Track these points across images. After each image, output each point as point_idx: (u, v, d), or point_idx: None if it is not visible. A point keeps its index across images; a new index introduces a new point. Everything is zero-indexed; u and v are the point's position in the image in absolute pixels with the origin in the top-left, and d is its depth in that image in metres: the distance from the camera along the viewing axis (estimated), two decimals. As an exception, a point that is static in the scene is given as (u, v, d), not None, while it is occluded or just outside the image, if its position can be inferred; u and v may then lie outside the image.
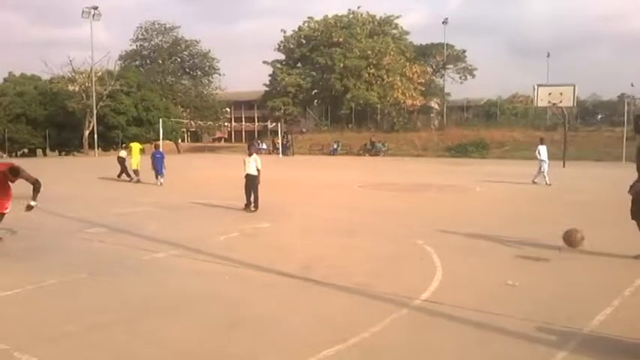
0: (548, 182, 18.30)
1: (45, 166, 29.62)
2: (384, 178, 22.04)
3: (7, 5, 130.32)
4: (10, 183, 7.96)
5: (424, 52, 66.63)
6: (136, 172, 20.52)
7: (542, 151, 18.85)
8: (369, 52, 57.08)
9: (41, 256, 7.72)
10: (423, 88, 60.28)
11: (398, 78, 56.89)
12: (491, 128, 46.28)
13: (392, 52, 57.56)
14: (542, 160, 18.71)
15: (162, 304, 5.53)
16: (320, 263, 7.17)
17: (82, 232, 9.50)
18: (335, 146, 47.77)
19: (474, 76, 68.75)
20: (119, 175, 20.69)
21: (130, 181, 20.16)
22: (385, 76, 57.33)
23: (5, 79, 58.45)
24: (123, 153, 21.78)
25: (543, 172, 18.58)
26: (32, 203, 8.13)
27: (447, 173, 24.68)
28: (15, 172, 7.78)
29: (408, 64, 58.58)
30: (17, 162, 9.11)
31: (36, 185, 8.08)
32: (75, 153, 53.28)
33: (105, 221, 10.59)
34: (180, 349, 4.38)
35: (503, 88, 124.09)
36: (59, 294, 5.88)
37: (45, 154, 52.41)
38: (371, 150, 45.18)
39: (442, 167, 29.59)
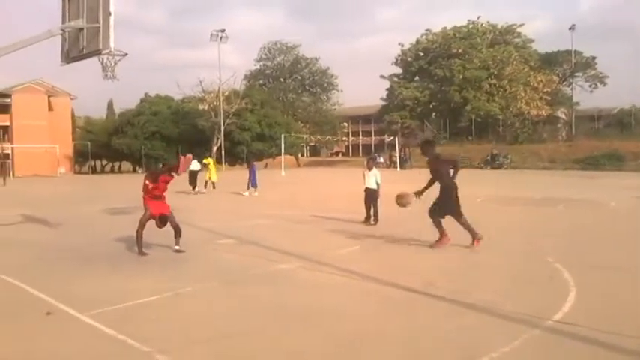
0: None
1: (176, 180, 31.66)
2: (507, 191, 21.21)
3: (143, 30, 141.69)
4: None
5: (550, 60, 63.53)
6: (213, 184, 22.74)
7: None
8: (490, 62, 55.52)
9: (177, 264, 8.25)
10: (549, 98, 57.40)
11: (521, 88, 54.76)
12: (625, 139, 43.08)
13: (514, 62, 55.60)
14: None
15: (288, 314, 5.69)
16: (443, 279, 7.03)
17: (212, 242, 10.04)
18: None
19: (605, 84, 64.31)
20: (194, 189, 21.99)
21: (196, 194, 21.74)
22: (507, 86, 55.43)
23: (142, 100, 63.35)
24: (196, 166, 22.60)
25: None
26: (176, 247, 8.97)
27: (577, 187, 23.28)
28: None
29: (532, 73, 56.21)
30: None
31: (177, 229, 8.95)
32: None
33: (232, 233, 11.11)
34: (307, 359, 4.47)
35: (638, 97, 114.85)
36: (194, 301, 6.25)
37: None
38: (492, 163, 43.68)
39: (571, 180, 27.96)
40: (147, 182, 8.88)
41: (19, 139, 52.13)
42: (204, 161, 24.41)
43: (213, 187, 23.03)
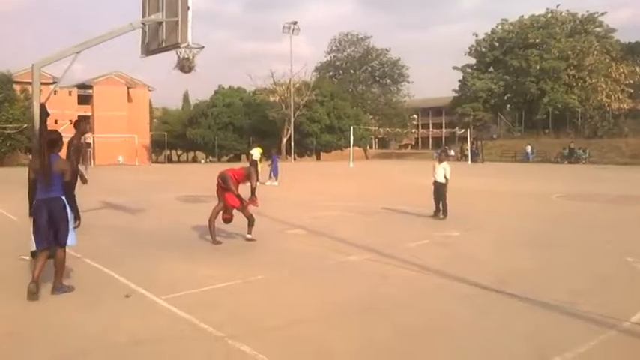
0: None
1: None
2: (585, 188, 20.38)
3: (219, 24, 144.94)
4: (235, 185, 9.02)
5: (633, 51, 60.21)
6: None
7: None
8: (569, 52, 53.32)
9: (248, 253, 8.47)
10: (632, 90, 54.38)
11: (602, 79, 52.24)
12: None
13: (595, 52, 53.08)
14: None
15: (357, 305, 5.73)
16: (516, 276, 6.87)
17: (283, 232, 10.23)
18: (529, 150, 44.98)
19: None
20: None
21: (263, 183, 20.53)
22: (587, 78, 53.04)
23: (215, 92, 64.94)
24: (257, 155, 21.19)
25: None
26: (248, 236, 9.19)
27: (661, 184, 22.03)
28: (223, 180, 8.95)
29: (613, 64, 53.46)
30: (224, 166, 10.15)
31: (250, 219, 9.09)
32: (273, 159, 57.32)
33: (301, 223, 11.26)
34: (374, 348, 4.51)
35: None
36: (265, 289, 6.40)
37: (248, 159, 57.16)
38: (569, 157, 42.04)
39: (655, 177, 26.51)
40: (219, 181, 9.08)
41: (99, 128, 54.61)
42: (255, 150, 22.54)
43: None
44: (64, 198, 5.95)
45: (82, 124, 10.00)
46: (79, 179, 9.50)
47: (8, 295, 6.09)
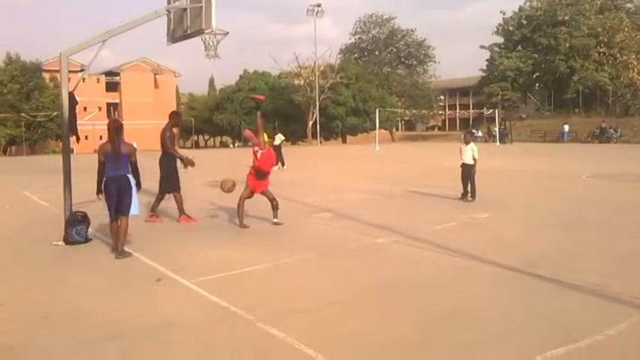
0: None
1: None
2: (616, 167, 19.97)
3: (243, 8, 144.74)
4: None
5: (666, 26, 58.41)
6: None
7: None
8: (599, 29, 51.90)
9: (276, 236, 8.54)
10: (664, 68, 52.85)
11: (633, 56, 50.79)
12: None
13: (626, 28, 51.59)
14: None
15: (385, 287, 5.75)
16: (546, 259, 6.80)
17: (309, 216, 10.27)
18: (566, 129, 43.90)
19: None
20: (283, 164, 21.42)
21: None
22: (618, 55, 51.64)
23: (240, 76, 65.09)
24: (278, 140, 21.74)
25: None
26: (275, 220, 9.19)
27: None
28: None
29: (645, 40, 51.98)
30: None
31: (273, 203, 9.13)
32: (299, 142, 57.34)
33: (327, 206, 11.29)
34: (402, 333, 4.51)
35: None
36: (293, 272, 6.46)
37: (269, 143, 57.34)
38: (601, 136, 41.18)
39: (690, 156, 25.84)
40: (256, 149, 9.15)
41: (127, 115, 55.29)
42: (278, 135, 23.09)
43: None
44: (129, 175, 7.09)
45: (177, 117, 10.67)
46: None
47: (42, 280, 6.27)
